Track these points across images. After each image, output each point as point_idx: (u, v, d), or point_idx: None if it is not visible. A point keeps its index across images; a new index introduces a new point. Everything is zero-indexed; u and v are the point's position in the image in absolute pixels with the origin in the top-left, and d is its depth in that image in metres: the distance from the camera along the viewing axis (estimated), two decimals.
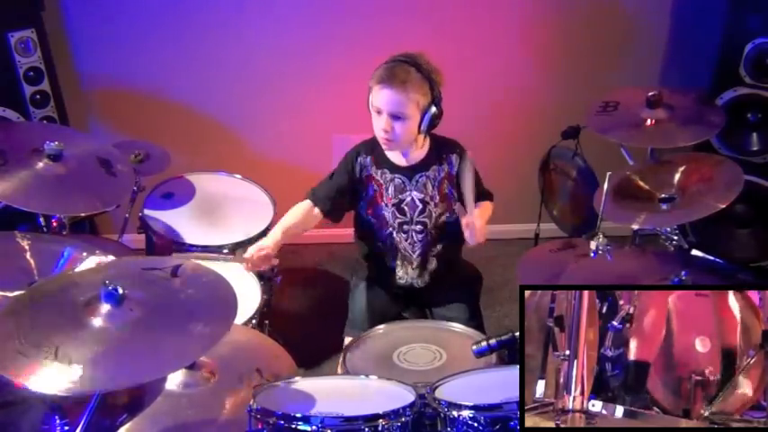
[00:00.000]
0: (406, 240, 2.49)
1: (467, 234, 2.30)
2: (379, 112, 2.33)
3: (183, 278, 1.70)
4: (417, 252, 2.50)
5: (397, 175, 2.45)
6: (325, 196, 2.47)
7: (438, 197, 2.46)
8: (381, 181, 2.46)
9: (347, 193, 2.49)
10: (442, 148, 2.47)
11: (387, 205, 2.46)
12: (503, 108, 3.60)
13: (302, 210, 2.48)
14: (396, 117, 2.31)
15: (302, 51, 3.41)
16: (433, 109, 2.33)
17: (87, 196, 2.34)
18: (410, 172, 2.45)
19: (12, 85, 3.02)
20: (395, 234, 2.49)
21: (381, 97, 2.31)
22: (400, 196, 2.45)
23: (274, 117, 3.55)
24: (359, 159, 2.47)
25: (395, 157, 2.46)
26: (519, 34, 3.48)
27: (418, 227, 2.47)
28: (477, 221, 2.30)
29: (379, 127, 2.34)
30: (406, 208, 2.46)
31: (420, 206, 2.45)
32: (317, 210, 2.47)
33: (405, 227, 2.48)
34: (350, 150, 2.51)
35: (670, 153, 2.69)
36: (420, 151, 2.45)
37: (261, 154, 3.59)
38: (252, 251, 2.34)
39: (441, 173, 2.46)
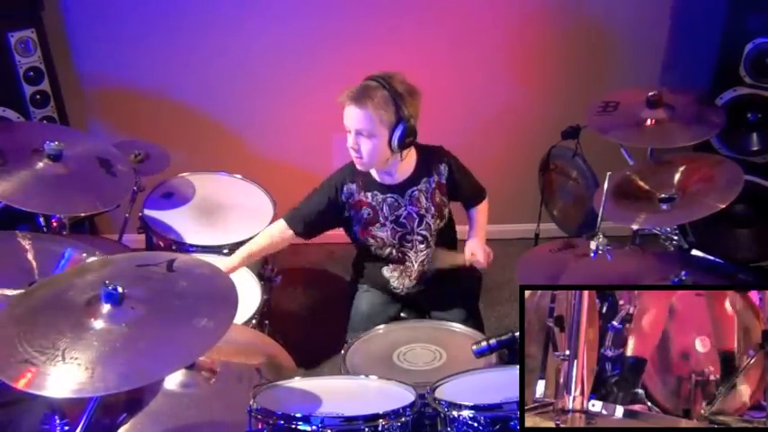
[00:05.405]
0: (411, 251, 2.49)
1: (476, 263, 2.44)
2: (348, 131, 2.33)
3: (179, 272, 1.70)
4: (417, 265, 2.50)
5: (388, 195, 2.45)
6: (301, 219, 2.47)
7: (433, 208, 2.46)
8: (374, 203, 2.45)
9: (325, 217, 2.48)
10: (429, 159, 2.46)
11: (385, 224, 2.46)
12: (503, 108, 3.60)
13: (276, 231, 2.49)
14: (361, 134, 2.30)
15: (302, 51, 3.41)
16: (402, 126, 2.28)
17: (87, 196, 2.34)
18: (401, 189, 2.45)
19: (12, 85, 3.03)
20: (395, 252, 2.49)
21: (347, 115, 2.31)
22: (396, 213, 2.45)
23: (274, 117, 3.55)
24: (344, 187, 2.45)
25: (382, 177, 2.45)
26: (520, 34, 3.48)
27: (419, 237, 2.48)
28: (479, 252, 2.43)
29: (348, 145, 2.35)
30: (405, 221, 2.46)
31: (417, 219, 2.46)
32: (290, 231, 2.47)
33: (408, 237, 2.48)
34: (334, 174, 2.49)
35: (670, 153, 2.69)
36: (407, 167, 2.45)
37: (261, 154, 3.59)
38: None
39: (432, 184, 2.46)
